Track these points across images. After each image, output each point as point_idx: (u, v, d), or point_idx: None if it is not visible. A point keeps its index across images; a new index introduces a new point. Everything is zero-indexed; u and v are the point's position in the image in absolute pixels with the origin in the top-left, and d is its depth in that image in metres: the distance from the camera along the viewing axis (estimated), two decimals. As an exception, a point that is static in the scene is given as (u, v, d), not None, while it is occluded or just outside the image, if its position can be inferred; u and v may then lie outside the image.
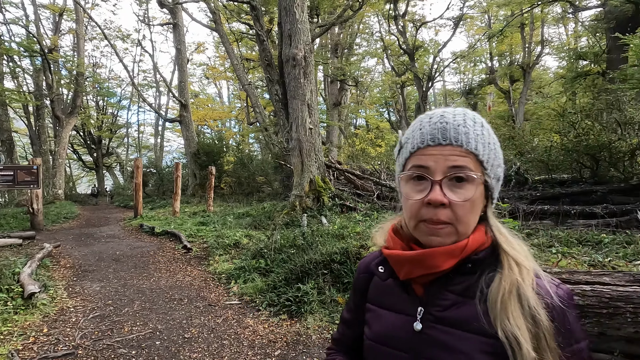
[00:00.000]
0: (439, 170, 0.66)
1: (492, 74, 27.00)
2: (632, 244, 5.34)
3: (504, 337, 0.61)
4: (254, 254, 5.23)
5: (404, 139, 0.73)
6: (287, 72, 8.99)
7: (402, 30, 23.19)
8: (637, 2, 12.80)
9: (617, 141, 8.14)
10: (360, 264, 0.89)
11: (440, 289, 0.70)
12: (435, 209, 0.65)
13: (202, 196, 14.66)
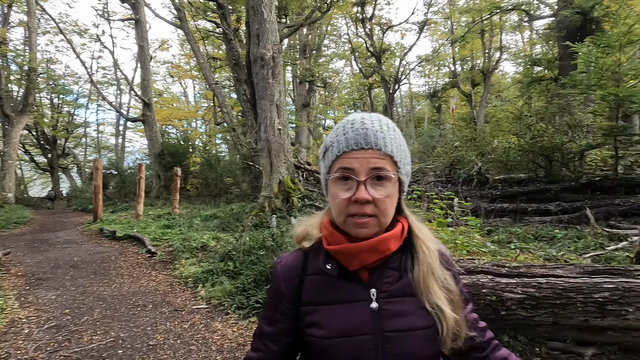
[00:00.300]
0: (363, 171, 0.76)
1: (455, 78, 28.02)
2: (582, 238, 5.72)
3: (430, 307, 0.78)
4: (222, 256, 5.13)
5: (329, 142, 0.81)
6: (255, 72, 8.89)
7: (370, 33, 23.58)
8: (585, 13, 13.74)
9: (568, 143, 8.70)
10: (282, 270, 0.86)
11: (384, 269, 0.81)
12: (361, 205, 0.75)
13: (167, 198, 14.18)
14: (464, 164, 9.96)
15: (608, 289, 2.61)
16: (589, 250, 5.09)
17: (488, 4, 19.09)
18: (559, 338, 2.77)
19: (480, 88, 26.77)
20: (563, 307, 2.67)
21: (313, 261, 0.85)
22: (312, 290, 0.82)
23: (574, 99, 10.38)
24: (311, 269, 0.84)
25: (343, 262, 0.80)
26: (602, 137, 8.59)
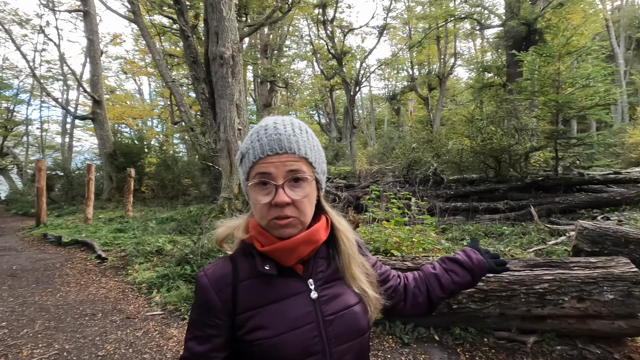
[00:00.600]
0: (280, 175, 0.79)
1: (413, 82, 28.99)
2: (527, 234, 6.13)
3: (357, 289, 0.88)
4: (179, 260, 4.95)
5: (244, 149, 0.84)
6: (214, 70, 8.68)
7: (331, 35, 23.81)
8: (529, 24, 14.75)
9: (515, 145, 9.28)
10: (210, 282, 0.82)
11: (316, 259, 0.87)
12: (282, 208, 0.78)
13: (120, 201, 13.46)
14: (421, 165, 10.33)
15: (547, 280, 2.82)
16: (532, 245, 5.46)
17: (443, 12, 19.96)
18: (505, 328, 2.95)
19: (436, 92, 27.88)
20: (508, 299, 2.85)
21: (244, 266, 0.84)
22: (249, 295, 0.82)
23: (520, 104, 11.10)
24: (244, 274, 0.83)
25: (280, 260, 0.82)
26: (545, 140, 9.25)
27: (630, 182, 8.50)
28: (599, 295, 2.70)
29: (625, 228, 4.68)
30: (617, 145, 16.86)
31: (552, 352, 2.77)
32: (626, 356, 2.68)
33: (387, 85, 41.19)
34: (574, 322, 2.80)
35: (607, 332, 2.77)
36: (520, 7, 15.12)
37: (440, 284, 1.04)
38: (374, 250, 4.19)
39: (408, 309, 1.04)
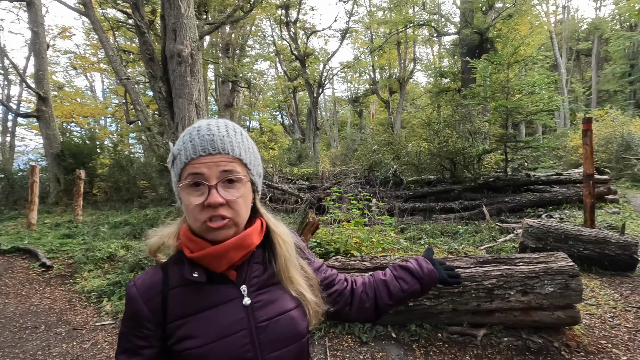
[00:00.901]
0: (213, 175, 0.77)
1: (375, 85, 29.64)
2: (479, 232, 6.44)
3: (295, 293, 0.86)
4: (133, 266, 4.73)
5: (176, 150, 0.81)
6: (172, 68, 8.39)
7: (294, 36, 23.80)
8: (481, 33, 15.56)
9: (469, 147, 9.74)
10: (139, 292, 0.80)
11: (250, 264, 0.84)
12: (215, 209, 0.76)
13: (69, 204, 12.63)
14: (382, 167, 10.57)
15: (495, 276, 2.98)
16: (484, 243, 5.76)
17: (402, 18, 20.58)
18: (457, 323, 3.08)
19: (397, 95, 28.69)
20: (460, 295, 2.98)
21: (174, 274, 0.82)
22: (178, 303, 0.79)
23: (473, 108, 11.68)
24: (174, 282, 0.81)
25: (210, 266, 0.79)
26: (496, 143, 9.80)
27: (570, 182, 9.20)
28: (540, 289, 2.89)
29: (565, 225, 5.06)
30: (559, 149, 18.20)
31: (500, 343, 2.93)
32: (564, 344, 2.89)
33: (350, 87, 41.81)
34: (519, 315, 2.98)
35: (548, 323, 2.97)
36: (474, 16, 15.92)
37: (388, 291, 1.03)
38: (334, 251, 4.23)
39: (354, 315, 1.03)
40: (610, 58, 34.01)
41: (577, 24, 40.17)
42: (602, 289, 4.09)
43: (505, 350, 2.87)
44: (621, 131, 16.14)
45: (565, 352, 2.83)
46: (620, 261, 4.52)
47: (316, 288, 0.92)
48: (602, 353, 2.82)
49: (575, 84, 36.06)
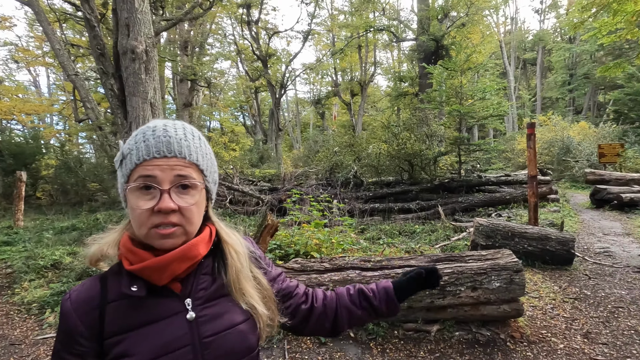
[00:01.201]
0: (166, 179, 0.73)
1: (337, 87, 29.99)
2: (435, 231, 6.70)
3: (245, 306, 0.82)
4: (80, 274, 4.45)
5: (126, 149, 0.76)
6: (125, 65, 8.00)
7: (256, 36, 23.53)
8: (437, 40, 16.22)
9: (426, 150, 10.11)
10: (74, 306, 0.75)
11: (197, 275, 0.80)
12: (166, 215, 0.72)
13: (8, 209, 11.67)
14: (343, 168, 10.71)
15: (447, 273, 3.12)
16: (439, 242, 6.00)
17: (363, 23, 20.98)
18: (412, 319, 3.19)
19: (358, 98, 29.20)
20: (415, 293, 3.08)
21: (114, 286, 0.76)
22: (116, 318, 0.74)
23: (430, 112, 12.16)
24: (113, 295, 0.75)
25: (151, 279, 0.74)
26: (450, 146, 10.25)
27: (517, 183, 9.82)
28: (488, 284, 3.06)
29: (512, 224, 5.39)
30: (508, 151, 19.39)
31: (452, 337, 3.07)
32: (509, 335, 3.08)
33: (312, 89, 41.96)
34: (469, 310, 3.14)
35: (495, 316, 3.15)
36: (430, 24, 16.57)
37: (350, 318, 1.00)
38: (294, 253, 4.23)
39: (309, 331, 1.00)
40: (552, 67, 36.77)
41: (523, 35, 43.01)
42: (543, 282, 4.40)
43: (456, 344, 3.01)
44: (562, 135, 17.47)
45: (510, 343, 3.01)
46: (559, 256, 4.88)
47: (270, 300, 0.88)
48: (543, 342, 3.04)
49: (522, 90, 38.59)
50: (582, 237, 6.66)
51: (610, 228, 7.34)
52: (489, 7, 21.56)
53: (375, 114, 32.33)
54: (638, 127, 19.54)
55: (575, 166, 15.50)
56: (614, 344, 3.00)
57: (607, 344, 2.99)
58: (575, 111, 33.03)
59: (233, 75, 34.11)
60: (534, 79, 40.39)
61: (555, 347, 2.97)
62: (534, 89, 38.64)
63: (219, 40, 27.00)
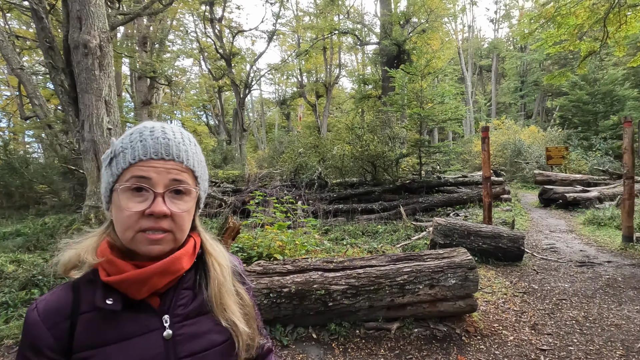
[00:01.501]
0: (161, 183, 0.69)
1: (302, 88, 30.01)
2: (397, 231, 6.88)
3: (225, 323, 0.76)
4: (24, 283, 4.14)
5: (119, 147, 0.72)
6: (77, 60, 7.56)
7: (219, 34, 23.05)
8: (399, 45, 16.67)
9: (388, 151, 10.35)
10: (42, 317, 0.68)
11: (177, 290, 0.75)
12: (157, 219, 0.68)
13: (-58, 213, 10.66)
14: (307, 169, 10.73)
15: (407, 272, 3.21)
16: (400, 241, 6.16)
17: (328, 25, 21.15)
18: (373, 318, 3.25)
19: (323, 99, 29.38)
20: (376, 292, 3.15)
21: (88, 296, 0.70)
22: (88, 331, 0.68)
23: (393, 115, 12.48)
24: (86, 306, 0.70)
25: (128, 293, 0.69)
26: (412, 148, 10.57)
27: (474, 183, 10.30)
28: (444, 281, 3.19)
29: (468, 223, 5.64)
30: (466, 153, 20.30)
31: (411, 334, 3.17)
32: (464, 330, 3.22)
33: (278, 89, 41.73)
34: (427, 307, 3.25)
35: (452, 312, 3.29)
36: (392, 29, 17.00)
37: None
38: (257, 256, 4.18)
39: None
40: (506, 74, 38.94)
41: (480, 43, 45.22)
42: (496, 278, 4.65)
43: (415, 341, 3.10)
44: (514, 139, 18.53)
45: (465, 337, 3.15)
46: (511, 253, 5.18)
47: (252, 317, 0.83)
48: (495, 335, 3.21)
49: (479, 95, 40.56)
50: (531, 234, 7.10)
51: (556, 225, 7.88)
52: (447, 15, 22.48)
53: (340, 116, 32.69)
54: (580, 131, 21.14)
55: (526, 168, 16.49)
56: (557, 333, 3.22)
57: (552, 334, 3.20)
58: (526, 116, 35.17)
59: (195, 73, 33.20)
60: (489, 85, 42.56)
61: (505, 339, 3.14)
62: (490, 94, 40.70)
63: (180, 37, 26.18)
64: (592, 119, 21.58)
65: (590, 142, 18.98)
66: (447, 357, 2.88)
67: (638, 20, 6.14)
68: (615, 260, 5.27)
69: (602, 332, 3.22)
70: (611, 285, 4.31)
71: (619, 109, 21.12)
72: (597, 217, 7.66)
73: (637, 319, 3.43)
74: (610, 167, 14.79)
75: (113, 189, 0.71)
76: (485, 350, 2.97)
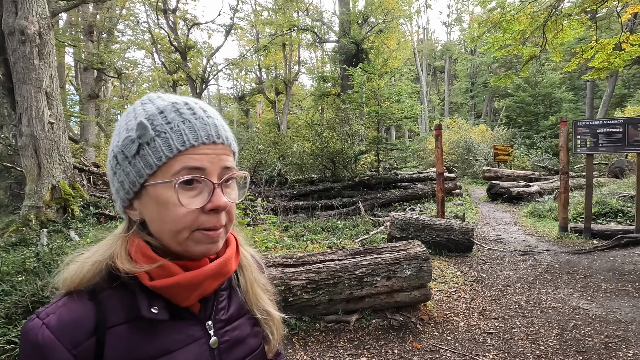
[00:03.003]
0: (215, 172, 0.59)
1: (261, 84, 29.60)
2: (356, 226, 7.01)
3: (260, 314, 0.71)
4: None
5: (151, 132, 0.57)
6: (13, 48, 6.95)
7: (173, 26, 22.13)
8: (357, 44, 16.94)
9: (347, 148, 10.52)
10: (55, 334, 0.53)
11: (217, 293, 0.67)
12: (218, 214, 0.59)
13: None
14: (267, 166, 10.64)
15: (365, 265, 3.30)
16: (359, 236, 6.29)
17: (287, 21, 21.02)
18: (333, 312, 3.31)
19: (283, 96, 29.18)
20: (335, 285, 3.21)
21: (115, 306, 0.58)
22: (121, 348, 0.56)
23: (351, 112, 12.68)
24: (115, 318, 0.57)
25: (175, 299, 0.60)
26: (370, 145, 10.81)
27: (428, 179, 10.74)
28: (400, 273, 3.31)
29: (422, 217, 5.88)
30: (421, 150, 21.10)
31: (369, 325, 3.26)
32: (419, 318, 3.37)
33: (236, 85, 40.91)
34: (384, 298, 3.36)
35: (407, 302, 3.42)
36: (351, 27, 17.24)
37: None
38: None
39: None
40: (457, 75, 40.91)
41: (434, 44, 47.10)
42: (449, 268, 4.90)
43: (373, 331, 3.20)
44: (465, 137, 19.52)
45: (420, 325, 3.30)
46: (461, 244, 5.47)
47: (275, 303, 0.78)
48: (447, 322, 3.39)
49: (433, 95, 42.28)
50: (480, 226, 7.55)
51: (502, 218, 8.43)
52: (403, 16, 23.17)
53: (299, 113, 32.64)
54: (524, 130, 22.74)
55: (476, 164, 17.46)
56: (502, 317, 3.46)
57: (498, 319, 3.44)
58: (476, 115, 37.19)
59: (148, 66, 31.64)
60: (442, 85, 44.50)
61: (457, 325, 3.33)
62: (443, 94, 42.58)
63: (131, 27, 24.80)
64: (534, 119, 23.29)
65: (532, 140, 20.48)
66: (403, 345, 3.00)
67: (573, 29, 6.71)
68: (552, 248, 5.75)
69: (541, 314, 3.51)
70: (549, 272, 4.70)
71: (557, 110, 22.97)
72: (538, 209, 8.29)
73: (570, 301, 3.77)
74: (549, 163, 16.06)
75: (145, 184, 0.58)
76: (438, 337, 3.12)
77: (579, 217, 7.14)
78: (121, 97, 28.50)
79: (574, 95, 25.62)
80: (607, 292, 3.99)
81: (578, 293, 3.99)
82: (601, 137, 6.12)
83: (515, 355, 2.81)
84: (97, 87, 19.41)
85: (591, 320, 3.32)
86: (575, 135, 6.37)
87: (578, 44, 16.53)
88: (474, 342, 3.02)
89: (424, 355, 2.85)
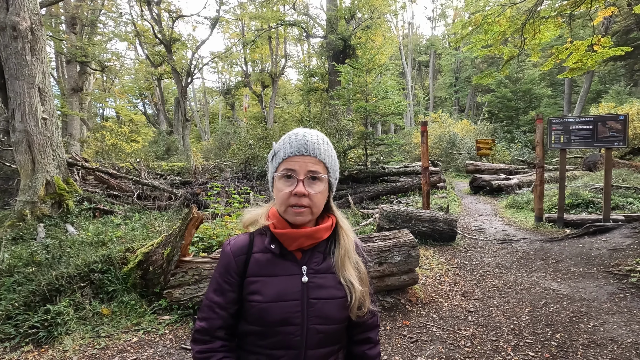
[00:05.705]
0: (301, 172, 0.97)
1: (247, 78, 29.47)
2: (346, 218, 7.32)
3: (344, 281, 1.02)
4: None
5: (277, 148, 1.03)
6: (4, 44, 6.94)
7: (157, 18, 21.83)
8: (345, 40, 17.14)
9: (336, 143, 10.77)
10: (232, 249, 1.03)
11: (314, 252, 1.03)
12: (299, 198, 0.96)
13: None
14: (258, 161, 10.83)
15: (359, 252, 3.61)
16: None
17: (274, 15, 21.01)
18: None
19: (269, 90, 29.16)
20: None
21: (258, 242, 1.03)
22: (256, 265, 1.00)
23: (339, 108, 12.92)
24: (256, 249, 1.02)
25: (284, 243, 1.00)
26: (358, 140, 11.11)
27: (414, 173, 11.13)
28: (391, 259, 3.64)
29: (409, 209, 6.24)
30: (407, 145, 21.56)
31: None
32: (408, 300, 3.72)
33: (221, 78, 40.57)
34: (376, 282, 3.68)
35: (397, 285, 3.76)
36: (338, 24, 17.41)
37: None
38: (217, 245, 4.35)
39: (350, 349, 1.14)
40: (442, 70, 41.52)
41: (419, 39, 47.57)
42: (434, 256, 5.27)
43: (367, 312, 3.52)
44: (449, 131, 20.03)
45: (409, 306, 3.64)
46: (445, 234, 5.85)
47: (365, 282, 1.06)
48: (433, 303, 3.74)
49: (418, 90, 42.80)
50: (462, 217, 7.98)
51: (483, 209, 8.89)
52: (389, 12, 23.44)
53: (286, 107, 32.68)
54: (505, 125, 23.44)
55: (459, 158, 18.00)
56: (482, 298, 3.84)
57: (478, 299, 3.81)
58: (460, 110, 37.94)
59: (131, 59, 31.10)
60: (427, 80, 45.08)
61: (441, 305, 3.69)
62: (428, 89, 43.17)
63: (113, 19, 24.31)
64: (515, 114, 24.01)
65: (513, 135, 21.16)
66: (394, 323, 3.34)
67: (549, 30, 7.12)
68: (529, 237, 6.20)
69: (516, 295, 3.90)
70: (525, 258, 5.12)
71: (536, 106, 23.73)
72: (516, 201, 8.78)
73: (542, 283, 4.18)
74: (528, 157, 16.72)
75: (274, 177, 1.01)
76: (425, 315, 3.47)
77: (553, 207, 7.63)
78: (103, 90, 27.98)
79: (553, 90, 26.50)
80: (575, 274, 4.42)
81: (550, 276, 4.40)
82: (573, 133, 6.58)
83: (492, 329, 3.18)
84: (81, 81, 19.10)
85: (560, 299, 3.73)
86: (550, 132, 6.82)
87: (557, 42, 17.16)
88: (456, 319, 3.38)
89: (413, 330, 3.19)
